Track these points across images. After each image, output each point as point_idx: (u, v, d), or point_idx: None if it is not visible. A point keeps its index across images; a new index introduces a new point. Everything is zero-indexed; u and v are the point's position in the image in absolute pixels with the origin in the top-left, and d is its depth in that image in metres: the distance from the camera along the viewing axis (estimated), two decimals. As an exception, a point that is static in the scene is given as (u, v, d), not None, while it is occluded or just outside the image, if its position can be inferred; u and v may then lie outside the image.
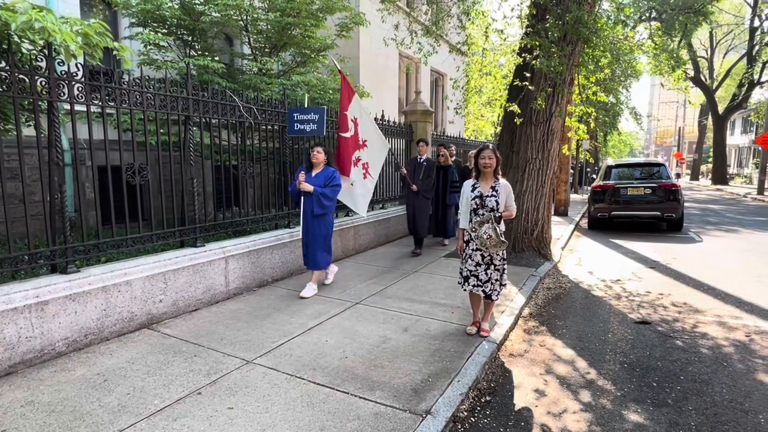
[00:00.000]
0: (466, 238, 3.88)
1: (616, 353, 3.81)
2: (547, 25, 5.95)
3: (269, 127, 5.67)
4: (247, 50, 8.17)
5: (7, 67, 3.14)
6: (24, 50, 3.42)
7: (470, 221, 3.80)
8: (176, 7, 6.52)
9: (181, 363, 3.29)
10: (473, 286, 3.84)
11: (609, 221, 10.72)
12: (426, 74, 15.64)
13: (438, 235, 7.92)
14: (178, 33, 6.88)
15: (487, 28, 7.23)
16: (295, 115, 5.25)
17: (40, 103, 3.44)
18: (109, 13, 7.77)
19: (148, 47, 6.46)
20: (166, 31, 6.69)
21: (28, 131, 3.92)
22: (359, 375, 3.15)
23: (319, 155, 4.92)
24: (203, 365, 3.26)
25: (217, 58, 6.29)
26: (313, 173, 4.94)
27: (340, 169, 5.37)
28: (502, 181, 3.80)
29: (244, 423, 2.56)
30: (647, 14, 18.32)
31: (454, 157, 8.50)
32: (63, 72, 3.44)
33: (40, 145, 3.38)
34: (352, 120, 5.57)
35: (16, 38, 3.25)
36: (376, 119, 7.68)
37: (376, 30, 9.85)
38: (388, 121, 8.07)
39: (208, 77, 6.14)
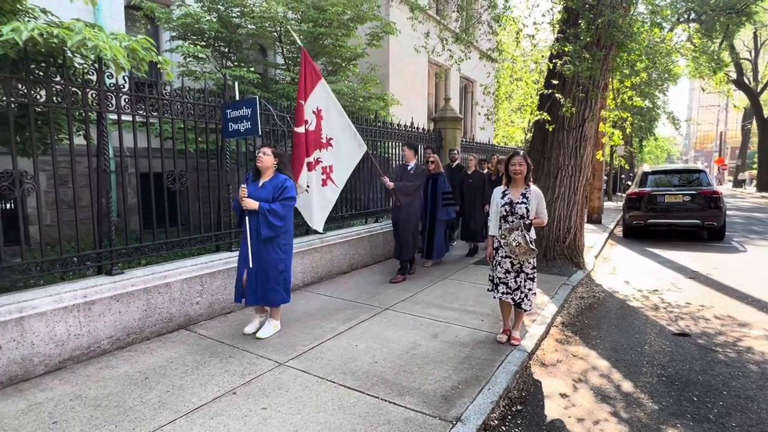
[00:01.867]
0: (495, 245, 3.87)
1: (653, 365, 3.69)
2: (579, 30, 5.87)
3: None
4: (280, 60, 8.40)
5: (62, 81, 3.35)
6: (76, 64, 3.66)
7: (499, 228, 3.79)
8: (214, 20, 6.79)
9: (217, 363, 3.40)
10: (503, 293, 3.82)
11: (645, 229, 10.38)
12: (455, 81, 15.62)
13: (425, 254, 6.61)
14: (216, 45, 7.16)
15: (518, 33, 7.18)
16: (228, 112, 4.18)
17: (90, 113, 3.65)
18: (151, 27, 8.16)
19: (188, 59, 6.74)
20: (204, 43, 6.97)
21: (78, 140, 4.15)
22: (389, 380, 3.17)
23: (265, 158, 3.77)
24: (238, 366, 3.36)
25: (252, 69, 6.50)
26: (261, 182, 3.83)
27: (294, 172, 4.46)
28: (534, 187, 3.76)
29: (277, 423, 2.63)
30: (685, 15, 17.73)
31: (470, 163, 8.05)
32: (111, 84, 3.65)
33: (90, 153, 3.59)
34: (313, 112, 4.57)
35: (69, 54, 3.49)
36: (405, 126, 7.73)
37: (406, 38, 9.94)
38: (417, 128, 8.10)
39: (244, 87, 6.34)
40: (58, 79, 3.35)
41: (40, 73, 3.37)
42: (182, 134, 4.70)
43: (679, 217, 9.68)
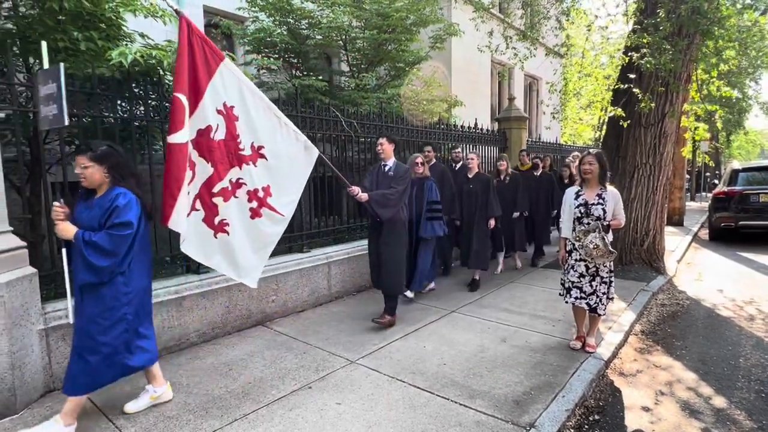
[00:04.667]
0: (568, 248, 3.74)
1: (750, 380, 3.38)
2: (658, 19, 5.50)
3: (368, 139, 5.95)
4: (344, 67, 8.66)
5: (157, 97, 3.71)
6: (166, 81, 4.03)
7: (573, 230, 3.66)
8: (285, 33, 7.15)
9: (293, 359, 3.58)
10: (576, 298, 3.68)
11: (735, 232, 9.47)
12: (520, 79, 15.21)
13: (406, 284, 4.80)
14: (286, 56, 7.53)
15: (589, 25, 6.87)
16: (40, 88, 2.77)
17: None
18: (227, 43, 8.74)
19: (261, 71, 7.15)
20: (276, 55, 7.36)
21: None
22: (458, 382, 3.18)
23: (88, 173, 2.54)
24: (312, 362, 3.52)
25: (320, 77, 6.77)
26: (96, 197, 2.61)
27: (163, 208, 2.87)
28: (610, 188, 3.60)
29: (351, 418, 2.73)
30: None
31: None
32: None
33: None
34: (218, 111, 3.06)
35: (161, 72, 3.86)
36: (468, 127, 7.66)
37: (469, 38, 9.85)
38: (481, 128, 8.00)
39: (312, 95, 6.62)
40: (153, 96, 3.71)
41: (140, 91, 3.75)
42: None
43: None
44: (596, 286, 3.61)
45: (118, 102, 3.64)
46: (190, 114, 2.89)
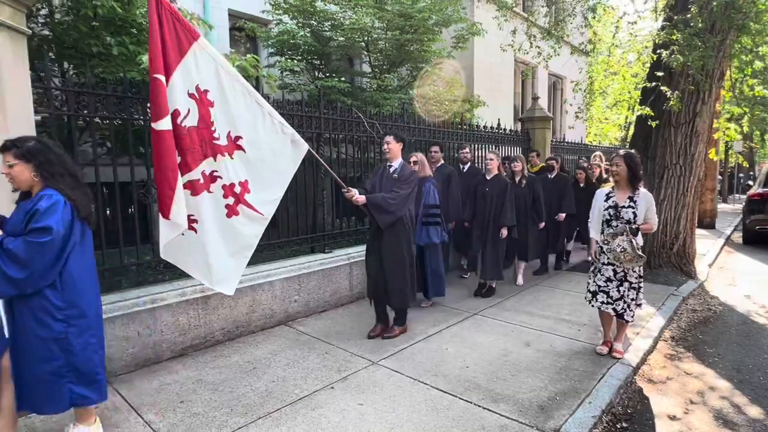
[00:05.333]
0: (595, 249, 3.66)
1: (787, 391, 3.24)
2: (689, 15, 5.33)
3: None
4: (366, 68, 8.68)
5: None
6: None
7: (602, 232, 3.57)
8: (308, 35, 7.22)
9: (315, 358, 3.60)
10: (602, 303, 3.59)
11: (772, 235, 9.11)
12: (543, 79, 14.96)
13: (421, 289, 4.75)
14: (309, 58, 7.60)
15: (618, 21, 6.71)
16: None
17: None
18: (251, 46, 8.88)
19: (284, 73, 7.23)
20: (299, 57, 7.43)
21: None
22: (481, 385, 3.14)
23: (15, 172, 2.24)
24: (334, 362, 3.53)
25: (342, 79, 6.80)
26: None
27: (160, 201, 2.73)
28: (643, 191, 3.49)
29: (373, 420, 2.73)
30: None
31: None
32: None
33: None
34: (190, 95, 2.77)
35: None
36: (491, 128, 7.57)
37: (492, 38, 9.74)
38: (504, 129, 7.90)
39: (335, 96, 6.66)
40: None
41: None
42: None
43: None
44: (624, 291, 3.52)
45: (148, 105, 3.73)
46: None
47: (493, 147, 7.61)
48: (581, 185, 6.68)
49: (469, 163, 6.07)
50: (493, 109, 10.34)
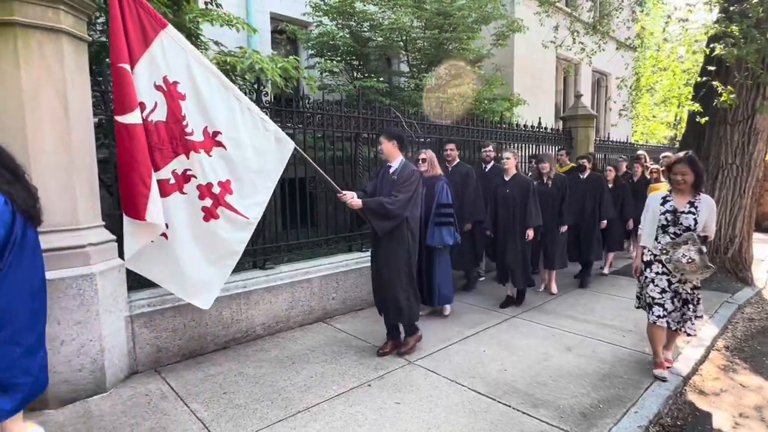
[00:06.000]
0: (646, 258, 3.36)
1: None
2: (747, 5, 5.01)
3: (427, 140, 5.93)
4: (404, 68, 8.69)
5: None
6: (238, 84, 4.24)
7: (656, 239, 3.29)
8: (347, 36, 7.30)
9: (352, 356, 3.64)
10: (657, 316, 3.25)
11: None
12: (587, 75, 14.47)
13: (424, 300, 4.26)
14: (347, 59, 7.68)
15: (668, 17, 6.41)
16: None
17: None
18: (291, 48, 9.06)
19: (323, 74, 7.35)
20: (338, 58, 7.53)
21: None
22: (520, 390, 3.08)
23: None
24: (371, 360, 3.56)
25: (381, 78, 6.84)
26: None
27: (123, 200, 2.60)
28: (704, 195, 3.19)
29: (410, 419, 2.73)
30: None
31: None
32: (267, 102, 4.15)
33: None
34: (156, 87, 2.60)
35: (232, 77, 4.06)
36: (532, 127, 7.40)
37: (533, 35, 9.53)
38: (545, 127, 7.70)
39: (373, 96, 6.70)
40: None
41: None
42: (322, 143, 5.08)
43: None
44: (681, 303, 3.26)
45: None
46: None
47: (534, 147, 7.45)
48: (609, 186, 6.09)
49: (492, 162, 5.62)
50: (534, 107, 10.12)
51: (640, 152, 7.45)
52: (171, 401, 2.95)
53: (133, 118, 2.42)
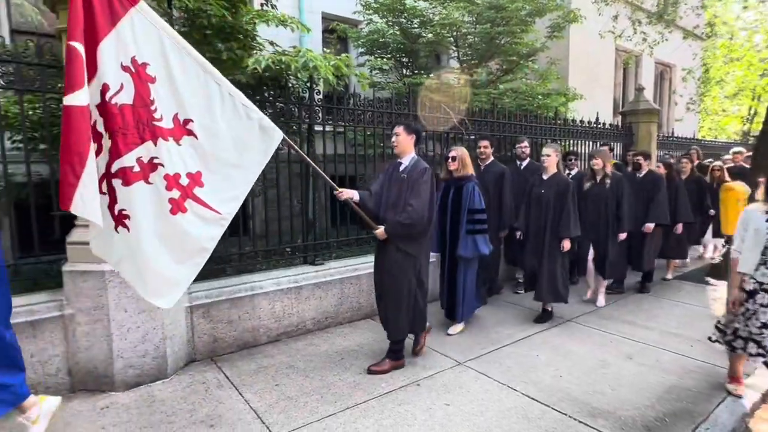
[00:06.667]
0: (749, 287, 2.90)
1: None
2: None
3: (477, 137, 5.80)
4: (453, 64, 8.55)
5: (284, 100, 4.01)
6: (291, 84, 4.32)
7: (764, 264, 2.82)
8: (397, 33, 7.28)
9: (400, 354, 3.63)
10: (751, 354, 2.89)
11: None
12: (649, 68, 13.64)
13: (447, 314, 4.21)
14: (397, 56, 7.66)
15: (746, 1, 5.91)
16: None
17: (302, 125, 4.28)
18: (341, 46, 9.16)
19: (373, 71, 7.37)
20: (388, 56, 7.53)
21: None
22: (576, 398, 2.95)
23: None
24: (420, 360, 3.53)
25: (431, 75, 6.77)
26: None
27: (62, 184, 2.21)
28: None
29: (460, 421, 2.68)
30: None
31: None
32: (319, 100, 4.21)
33: (291, 160, 4.20)
34: (124, 67, 2.35)
35: (285, 76, 4.15)
36: (589, 122, 7.06)
37: (590, 24, 9.10)
38: (603, 123, 7.33)
39: (423, 93, 6.64)
40: (281, 99, 4.02)
41: (269, 95, 4.09)
42: (372, 140, 5.07)
43: None
44: None
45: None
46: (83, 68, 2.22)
47: (591, 143, 7.11)
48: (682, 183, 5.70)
49: (528, 159, 5.24)
50: (591, 102, 9.67)
51: (694, 148, 6.94)
52: (226, 390, 3.06)
53: (73, 99, 2.15)
